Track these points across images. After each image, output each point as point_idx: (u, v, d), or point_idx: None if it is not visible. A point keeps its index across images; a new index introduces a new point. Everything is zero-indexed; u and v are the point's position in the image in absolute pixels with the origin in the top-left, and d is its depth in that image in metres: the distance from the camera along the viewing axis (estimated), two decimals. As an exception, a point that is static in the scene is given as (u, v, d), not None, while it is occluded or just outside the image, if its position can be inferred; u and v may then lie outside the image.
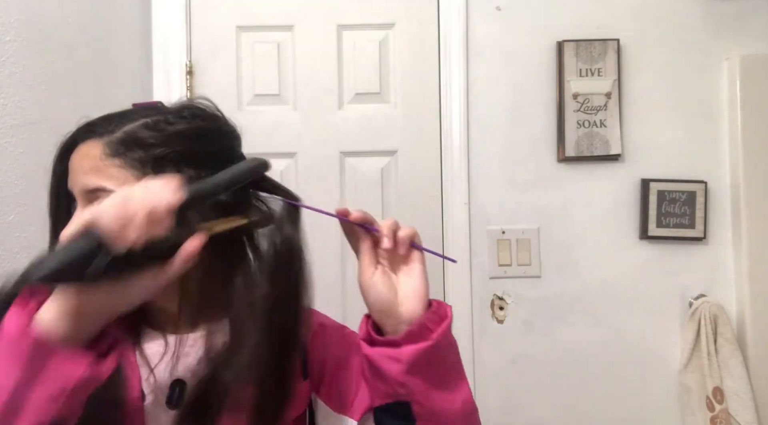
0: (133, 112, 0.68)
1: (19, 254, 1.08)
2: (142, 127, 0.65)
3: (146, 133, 0.64)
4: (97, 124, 0.66)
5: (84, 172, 0.64)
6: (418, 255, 0.66)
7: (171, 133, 0.65)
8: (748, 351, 1.52)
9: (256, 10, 1.67)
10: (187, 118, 0.67)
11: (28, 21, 1.12)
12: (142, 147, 0.64)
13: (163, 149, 0.64)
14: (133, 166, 0.63)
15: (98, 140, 0.64)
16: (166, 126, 0.65)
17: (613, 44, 1.60)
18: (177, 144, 0.64)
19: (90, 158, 0.64)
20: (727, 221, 1.60)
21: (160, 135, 0.64)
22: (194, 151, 0.65)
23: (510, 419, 1.59)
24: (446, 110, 1.63)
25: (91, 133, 0.65)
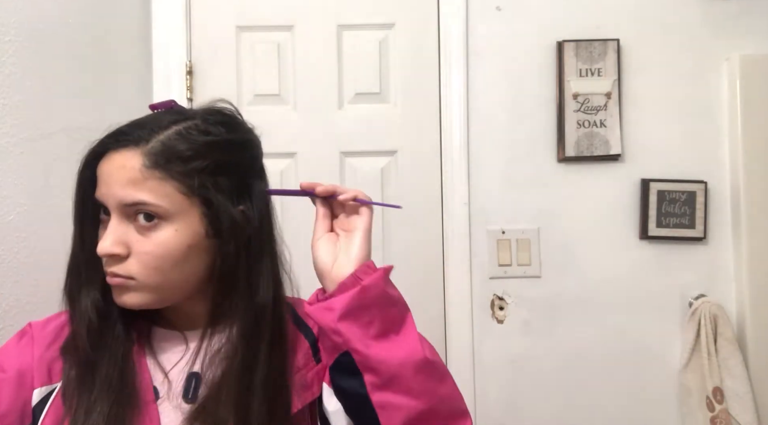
0: (161, 117, 0.68)
1: (19, 254, 1.08)
2: (176, 137, 0.65)
3: (183, 144, 0.65)
4: (129, 132, 0.66)
5: (121, 184, 0.63)
6: (362, 223, 0.69)
7: (205, 144, 0.66)
8: (748, 351, 1.52)
9: (256, 10, 1.67)
10: (214, 125, 0.68)
11: (28, 21, 1.12)
12: (180, 158, 0.64)
13: (200, 161, 0.65)
14: (173, 178, 0.64)
15: (135, 150, 0.64)
16: (198, 135, 0.66)
17: (613, 44, 1.60)
18: (211, 155, 0.66)
19: (128, 169, 0.63)
20: (727, 221, 1.60)
21: (195, 146, 0.65)
22: (227, 161, 0.67)
23: (510, 419, 1.59)
24: (446, 110, 1.63)
25: (125, 142, 0.65)
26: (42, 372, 0.68)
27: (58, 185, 1.20)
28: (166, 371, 0.69)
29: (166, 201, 0.64)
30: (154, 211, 0.63)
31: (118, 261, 0.65)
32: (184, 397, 0.68)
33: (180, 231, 0.64)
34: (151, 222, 0.64)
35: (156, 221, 0.64)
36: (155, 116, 0.69)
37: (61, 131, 1.22)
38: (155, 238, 0.64)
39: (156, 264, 0.64)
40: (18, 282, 1.07)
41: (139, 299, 0.66)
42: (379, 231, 1.64)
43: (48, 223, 1.16)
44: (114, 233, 0.64)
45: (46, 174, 1.17)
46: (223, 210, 0.66)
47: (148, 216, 0.64)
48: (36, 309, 1.09)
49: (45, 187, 1.16)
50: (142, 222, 0.64)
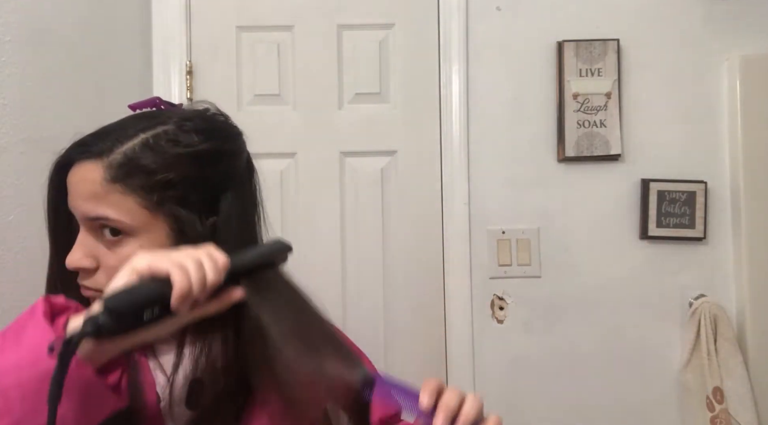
0: (129, 125, 0.64)
1: (19, 254, 1.08)
2: (142, 148, 0.62)
3: (147, 156, 0.61)
4: (91, 142, 0.63)
5: (83, 198, 0.61)
6: None
7: (173, 156, 0.62)
8: (748, 351, 1.52)
9: (256, 10, 1.67)
10: (188, 133, 0.64)
11: (28, 21, 1.12)
12: (144, 172, 0.61)
13: (165, 175, 0.61)
14: (135, 192, 0.61)
15: (96, 162, 0.61)
16: (167, 146, 0.62)
17: (613, 44, 1.60)
18: (179, 168, 0.62)
19: (89, 182, 0.61)
20: (727, 221, 1.60)
21: (161, 158, 0.62)
22: (195, 174, 0.63)
23: (510, 419, 1.58)
24: (446, 110, 1.63)
25: (87, 154, 0.62)
26: None
27: (58, 185, 1.19)
28: (168, 375, 0.67)
29: (128, 216, 0.61)
30: (116, 227, 0.61)
31: (87, 274, 0.63)
32: (187, 404, 0.66)
33: (144, 247, 0.61)
34: (116, 236, 0.62)
35: (121, 236, 0.62)
36: (123, 123, 0.65)
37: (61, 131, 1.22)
38: (120, 253, 0.61)
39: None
40: (18, 282, 1.07)
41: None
42: (379, 231, 1.64)
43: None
44: (82, 246, 0.62)
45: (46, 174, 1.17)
46: (189, 225, 0.62)
47: (113, 231, 0.61)
48: (36, 309, 1.09)
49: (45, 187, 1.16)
50: (108, 236, 0.62)
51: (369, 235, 1.65)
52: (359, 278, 1.64)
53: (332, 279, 1.63)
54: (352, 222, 1.65)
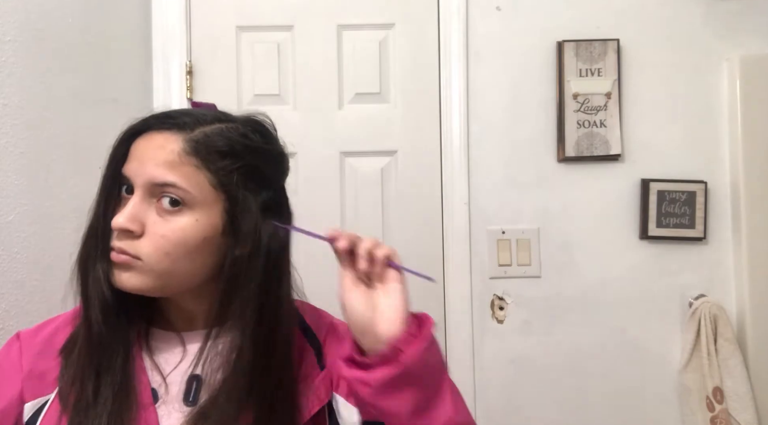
0: (205, 113, 0.69)
1: (19, 254, 1.08)
2: (218, 132, 0.66)
3: (223, 140, 0.66)
4: (175, 116, 0.67)
5: (157, 163, 0.63)
6: (396, 275, 0.67)
7: (244, 146, 0.67)
8: (748, 351, 1.52)
9: (256, 10, 1.67)
10: (253, 132, 0.69)
11: (28, 21, 1.12)
12: (219, 153, 0.65)
13: (236, 160, 0.66)
14: (207, 169, 0.65)
15: (177, 134, 0.65)
16: (239, 137, 0.67)
17: (613, 44, 1.60)
18: (247, 158, 0.67)
19: (167, 151, 0.64)
20: (727, 221, 1.60)
21: (234, 146, 0.66)
22: (259, 169, 0.68)
23: (510, 419, 1.59)
24: (446, 110, 1.63)
25: (169, 125, 0.66)
26: (33, 385, 0.67)
27: (58, 185, 1.20)
28: (164, 373, 0.68)
29: (196, 189, 0.64)
30: (182, 196, 0.63)
31: (129, 238, 0.64)
32: (185, 400, 0.67)
33: (200, 221, 0.64)
34: (175, 207, 0.64)
35: (180, 207, 0.64)
36: (199, 111, 0.70)
37: (61, 131, 1.22)
38: (174, 223, 0.64)
39: (168, 249, 0.63)
40: (18, 283, 1.07)
41: (140, 282, 0.64)
42: (379, 231, 1.64)
43: (48, 223, 1.16)
44: (133, 209, 0.64)
45: (46, 174, 1.17)
46: (246, 210, 0.66)
47: (173, 201, 0.64)
48: (36, 309, 1.09)
49: (45, 187, 1.16)
50: (166, 205, 0.64)
51: (369, 235, 1.64)
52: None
53: (332, 279, 1.62)
54: (352, 222, 1.65)
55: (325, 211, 1.64)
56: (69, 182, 1.23)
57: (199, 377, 0.68)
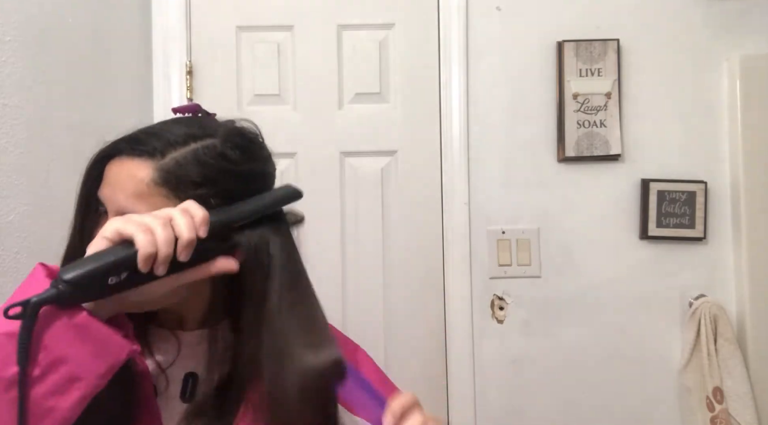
0: (178, 130, 0.65)
1: (19, 254, 1.08)
2: (193, 158, 0.62)
3: (196, 168, 0.62)
4: (144, 140, 0.63)
5: (126, 193, 0.62)
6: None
7: (219, 170, 0.63)
8: (748, 351, 1.52)
9: (256, 10, 1.67)
10: (233, 149, 0.65)
11: (28, 21, 1.12)
12: (190, 182, 0.62)
13: (209, 189, 0.62)
14: (177, 198, 0.61)
15: (147, 161, 0.62)
16: (214, 160, 0.63)
17: (613, 44, 1.60)
18: (223, 182, 0.63)
19: (136, 180, 0.61)
20: (727, 221, 1.60)
21: (208, 171, 0.63)
22: (237, 191, 0.64)
23: (510, 419, 1.59)
24: (446, 110, 1.63)
25: (138, 151, 0.62)
26: None
27: (58, 185, 1.20)
28: (163, 369, 0.68)
29: None
30: None
31: None
32: (182, 397, 0.67)
33: None
34: None
35: None
36: (172, 127, 0.66)
37: (61, 131, 1.22)
38: None
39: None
40: (18, 282, 1.07)
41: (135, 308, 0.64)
42: (380, 231, 1.64)
43: (48, 223, 1.16)
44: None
45: (46, 173, 1.17)
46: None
47: None
48: (36, 309, 1.09)
49: (45, 187, 1.16)
50: None
51: (369, 235, 1.65)
52: (359, 278, 1.64)
53: (332, 279, 1.63)
54: (352, 222, 1.65)
55: (325, 211, 1.64)
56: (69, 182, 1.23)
57: (195, 374, 0.68)
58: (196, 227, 0.56)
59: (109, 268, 0.53)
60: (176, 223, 0.56)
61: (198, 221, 0.57)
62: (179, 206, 0.58)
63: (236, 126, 0.69)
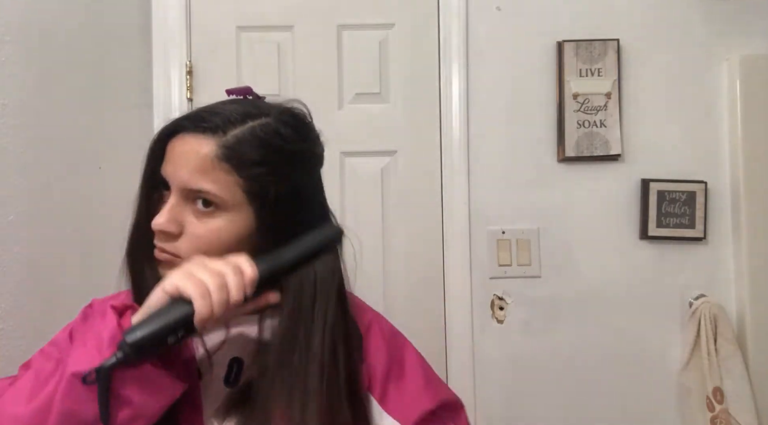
0: (236, 109, 0.67)
1: (19, 254, 1.08)
2: (251, 135, 0.66)
3: (254, 144, 0.65)
4: (206, 118, 0.66)
5: (190, 168, 0.64)
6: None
7: (275, 148, 0.66)
8: (748, 351, 1.52)
9: (256, 10, 1.67)
10: (286, 127, 0.68)
11: (28, 21, 1.12)
12: (250, 157, 0.65)
13: (267, 166, 0.66)
14: (238, 174, 0.65)
15: (209, 138, 0.65)
16: (271, 138, 0.66)
17: (613, 44, 1.60)
18: (278, 161, 0.67)
19: (200, 156, 0.64)
20: (727, 221, 1.60)
21: (265, 149, 0.66)
22: (290, 171, 0.68)
23: (510, 419, 1.59)
24: (446, 110, 1.63)
25: (200, 128, 0.65)
26: None
27: (59, 185, 1.20)
28: (210, 353, 0.70)
29: (228, 194, 0.65)
30: (214, 200, 0.65)
31: (169, 238, 0.66)
32: (225, 381, 0.69)
33: (234, 222, 0.66)
34: (208, 208, 0.65)
35: (213, 208, 0.65)
36: (231, 107, 0.68)
37: (62, 131, 1.22)
38: (209, 224, 0.65)
39: (204, 248, 0.65)
40: (18, 282, 1.07)
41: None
42: (380, 231, 1.64)
43: (48, 223, 1.16)
44: (171, 211, 0.65)
45: (46, 174, 1.17)
46: (279, 210, 0.67)
47: (206, 203, 0.65)
48: (36, 309, 1.09)
49: (45, 187, 1.16)
50: (200, 207, 0.65)
51: (369, 235, 1.65)
52: (359, 278, 1.64)
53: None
54: (352, 222, 1.65)
55: (325, 211, 1.64)
56: (69, 182, 1.23)
57: (240, 360, 0.70)
58: (245, 287, 0.61)
59: (169, 330, 0.58)
60: (229, 285, 0.60)
61: (247, 281, 0.61)
62: (232, 264, 0.61)
63: (287, 106, 0.72)
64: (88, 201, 1.29)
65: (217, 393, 0.68)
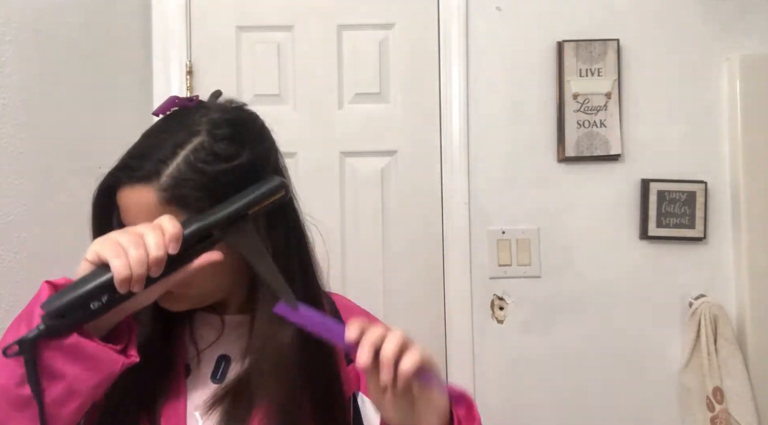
0: (163, 139, 0.65)
1: (18, 254, 1.08)
2: (186, 167, 0.63)
3: (193, 176, 0.63)
4: (137, 166, 0.64)
5: (141, 217, 0.63)
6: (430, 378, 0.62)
7: (215, 173, 0.64)
8: (748, 351, 1.52)
9: (256, 10, 1.67)
10: (222, 142, 0.65)
11: (28, 21, 1.12)
12: (192, 190, 0.63)
13: (211, 190, 0.63)
14: (187, 208, 0.63)
15: (146, 186, 0.63)
16: (208, 164, 0.64)
17: (613, 44, 1.60)
18: (223, 182, 0.64)
19: (144, 205, 0.63)
20: (727, 221, 1.60)
21: (205, 177, 0.63)
22: (241, 179, 0.65)
23: (510, 419, 1.59)
24: (446, 110, 1.63)
25: (134, 178, 0.63)
26: None
27: (58, 185, 1.20)
28: (199, 350, 0.71)
29: None
30: None
31: None
32: (212, 377, 0.70)
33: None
34: None
35: None
36: (158, 138, 0.66)
37: (62, 131, 1.22)
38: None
39: (188, 281, 0.64)
40: (18, 282, 1.07)
41: (184, 306, 0.69)
42: (380, 231, 1.64)
43: (48, 223, 1.16)
44: None
45: (46, 174, 1.17)
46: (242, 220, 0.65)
47: None
48: (36, 309, 1.09)
49: (45, 187, 1.16)
50: None
51: (369, 235, 1.65)
52: (359, 278, 1.64)
53: (332, 279, 1.62)
54: (352, 222, 1.65)
55: (325, 211, 1.64)
56: (69, 182, 1.23)
57: (227, 357, 0.71)
58: (165, 244, 0.57)
59: (89, 295, 0.56)
60: (148, 243, 0.57)
61: (168, 237, 0.57)
62: (152, 224, 0.59)
63: (218, 118, 0.68)
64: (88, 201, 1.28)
65: (203, 388, 0.69)
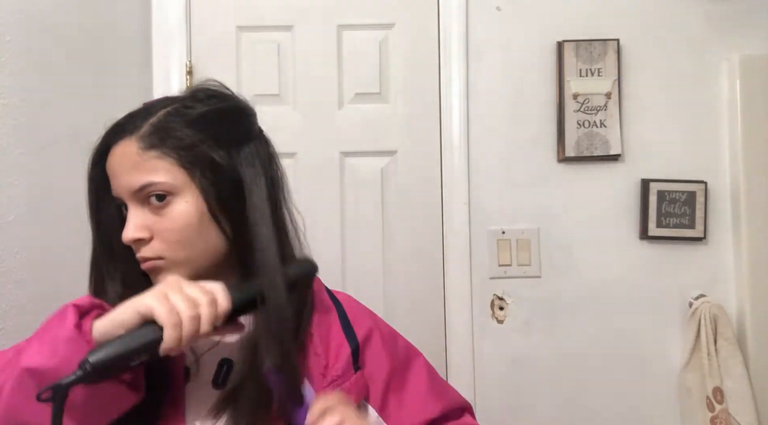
0: (152, 105, 0.70)
1: (19, 254, 1.08)
2: (166, 116, 0.67)
3: (172, 120, 0.67)
4: (123, 123, 0.68)
5: (126, 172, 0.66)
6: None
7: (195, 117, 0.68)
8: (748, 351, 1.52)
9: (256, 10, 1.67)
10: (203, 99, 0.70)
11: (28, 21, 1.12)
12: (172, 134, 0.66)
13: (193, 134, 0.67)
14: (170, 154, 0.66)
15: (130, 138, 0.66)
16: (187, 110, 0.68)
17: (613, 44, 1.60)
18: (204, 126, 0.68)
19: (127, 156, 0.66)
20: (727, 221, 1.60)
21: (185, 120, 0.67)
22: (220, 131, 0.69)
23: (510, 419, 1.59)
24: (446, 110, 1.63)
25: (120, 134, 0.67)
26: None
27: (58, 185, 1.20)
28: (198, 354, 0.70)
29: (169, 176, 0.66)
30: (161, 189, 0.66)
31: (144, 245, 0.67)
32: (214, 382, 0.69)
33: (190, 202, 0.66)
34: (162, 201, 0.66)
35: (167, 199, 0.66)
36: (147, 105, 0.71)
37: (62, 131, 1.22)
38: (170, 214, 0.66)
39: (177, 237, 0.66)
40: (18, 283, 1.07)
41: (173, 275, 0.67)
42: (380, 231, 1.64)
43: (48, 224, 1.16)
44: (134, 220, 0.66)
45: (46, 174, 1.17)
46: (227, 173, 0.68)
47: (159, 197, 0.66)
48: (36, 309, 1.09)
49: (45, 188, 1.16)
50: (155, 203, 0.66)
51: (369, 235, 1.65)
52: (359, 278, 1.64)
53: (332, 279, 1.62)
54: (352, 222, 1.65)
55: (325, 211, 1.64)
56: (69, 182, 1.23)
57: (230, 361, 0.70)
58: (216, 319, 0.59)
59: (134, 353, 0.56)
60: (202, 317, 0.58)
61: (219, 313, 0.59)
62: (209, 289, 0.59)
63: (196, 86, 0.74)
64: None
65: (204, 394, 0.67)
